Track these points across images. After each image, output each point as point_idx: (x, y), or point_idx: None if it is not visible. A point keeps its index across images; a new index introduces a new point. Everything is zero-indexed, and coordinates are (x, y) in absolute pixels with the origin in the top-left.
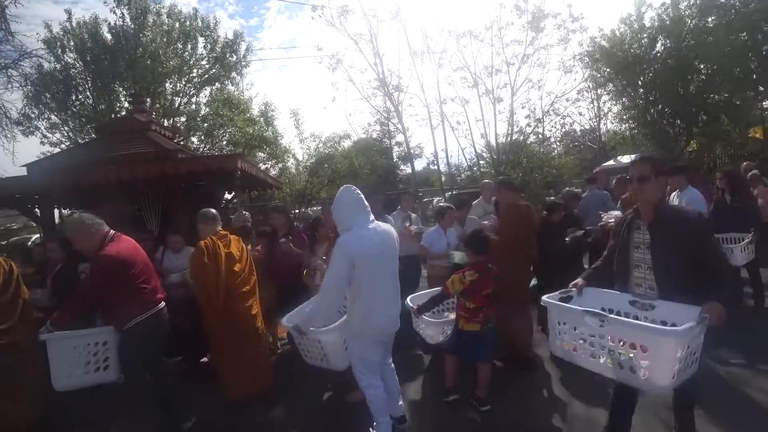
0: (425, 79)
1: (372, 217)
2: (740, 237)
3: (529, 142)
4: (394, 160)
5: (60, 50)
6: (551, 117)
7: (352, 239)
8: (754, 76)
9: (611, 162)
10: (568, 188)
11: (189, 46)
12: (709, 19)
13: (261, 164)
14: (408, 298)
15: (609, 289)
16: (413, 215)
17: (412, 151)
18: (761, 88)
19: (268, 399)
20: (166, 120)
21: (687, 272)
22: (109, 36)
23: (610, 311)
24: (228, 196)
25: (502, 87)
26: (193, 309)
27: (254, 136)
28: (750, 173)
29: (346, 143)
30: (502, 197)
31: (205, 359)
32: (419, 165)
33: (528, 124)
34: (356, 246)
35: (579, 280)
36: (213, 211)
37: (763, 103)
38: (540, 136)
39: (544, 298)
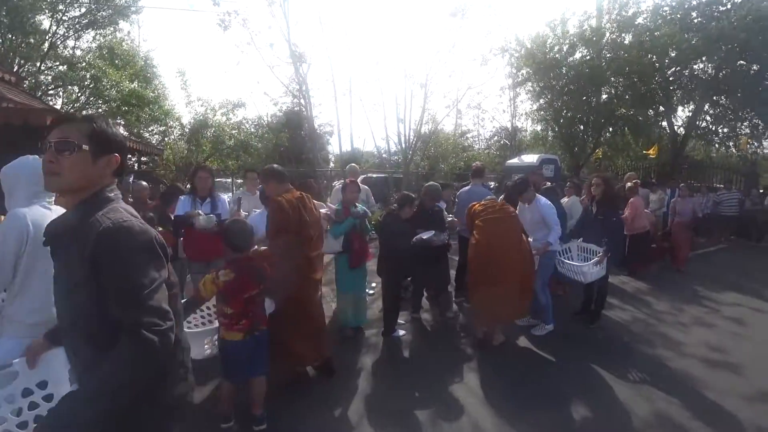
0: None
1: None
2: (598, 250)
3: (445, 131)
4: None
5: None
6: (473, 111)
7: None
8: (656, 95)
9: (515, 160)
10: (443, 181)
11: None
12: (625, 36)
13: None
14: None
15: None
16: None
17: (320, 129)
18: (661, 108)
19: (329, 369)
20: (40, 64)
21: None
22: None
23: None
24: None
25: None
26: None
27: (132, 94)
28: (629, 184)
29: (242, 112)
30: (267, 188)
31: None
32: (349, 145)
33: (447, 114)
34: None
35: None
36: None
37: (662, 122)
38: (460, 128)
39: None
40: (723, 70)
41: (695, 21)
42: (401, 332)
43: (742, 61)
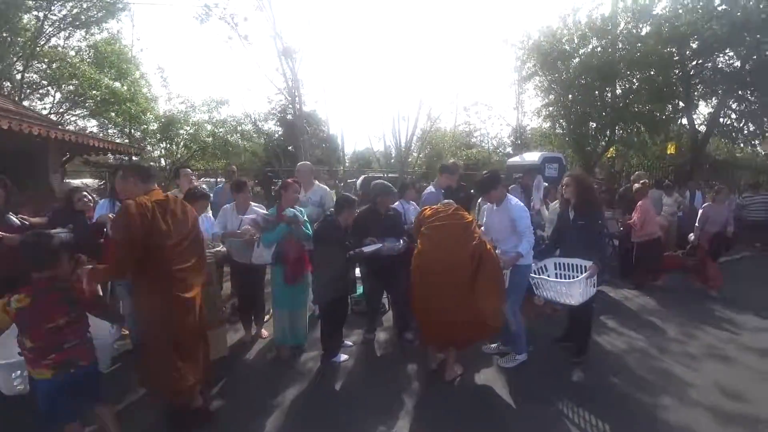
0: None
1: None
2: (585, 265)
3: (443, 129)
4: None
5: None
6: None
7: None
8: (675, 89)
9: (516, 158)
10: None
11: None
12: (642, 27)
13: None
14: None
15: None
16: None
17: (319, 128)
18: (681, 104)
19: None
20: (29, 61)
21: None
22: None
23: None
24: None
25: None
26: None
27: (111, 92)
28: (636, 185)
29: (225, 110)
30: (124, 186)
31: None
32: (362, 146)
33: (450, 111)
34: None
35: None
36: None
37: (682, 119)
38: (468, 126)
39: None
40: (749, 61)
41: (719, 8)
42: (343, 357)
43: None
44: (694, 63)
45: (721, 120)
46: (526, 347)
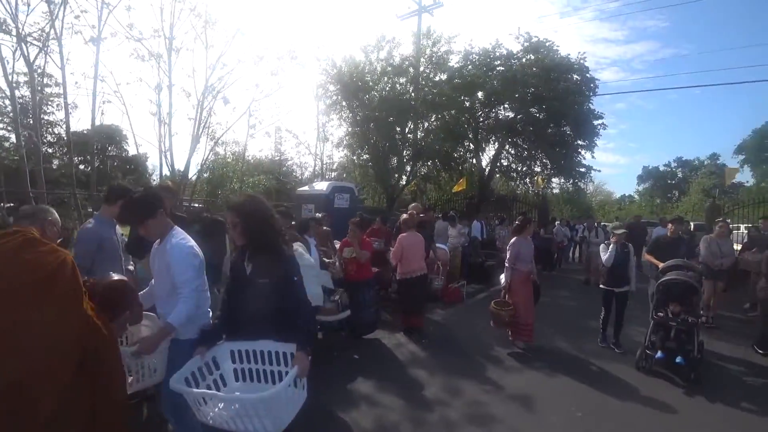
0: None
1: None
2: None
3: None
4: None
5: None
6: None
7: None
8: (465, 132)
9: (305, 188)
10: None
11: None
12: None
13: None
14: None
15: None
16: None
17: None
18: (471, 146)
19: None
20: None
21: None
22: None
23: None
24: None
25: None
26: None
27: None
28: (404, 216)
29: None
30: None
31: None
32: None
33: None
34: None
35: None
36: None
37: (472, 159)
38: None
39: None
40: (520, 114)
41: (498, 68)
42: None
43: (533, 109)
44: (480, 112)
45: (503, 162)
46: None
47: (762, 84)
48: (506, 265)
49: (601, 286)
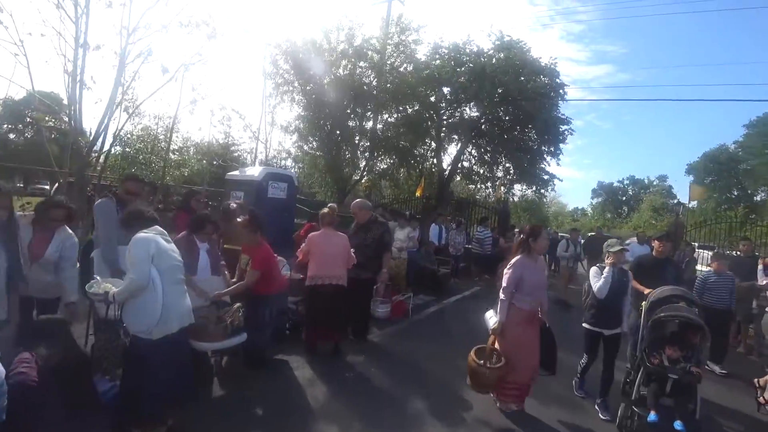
0: None
1: None
2: None
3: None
4: None
5: None
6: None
7: None
8: (428, 128)
9: (236, 173)
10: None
11: None
12: (406, 66)
13: None
14: None
15: None
16: None
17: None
18: (433, 144)
19: None
20: None
21: None
22: None
23: None
24: None
25: None
26: None
27: None
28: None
29: None
30: None
31: None
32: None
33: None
34: None
35: None
36: None
37: (434, 159)
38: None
39: None
40: (485, 115)
41: (468, 65)
42: None
43: (500, 109)
44: (444, 110)
45: (465, 163)
46: None
47: (709, 109)
48: (501, 297)
49: (585, 325)
